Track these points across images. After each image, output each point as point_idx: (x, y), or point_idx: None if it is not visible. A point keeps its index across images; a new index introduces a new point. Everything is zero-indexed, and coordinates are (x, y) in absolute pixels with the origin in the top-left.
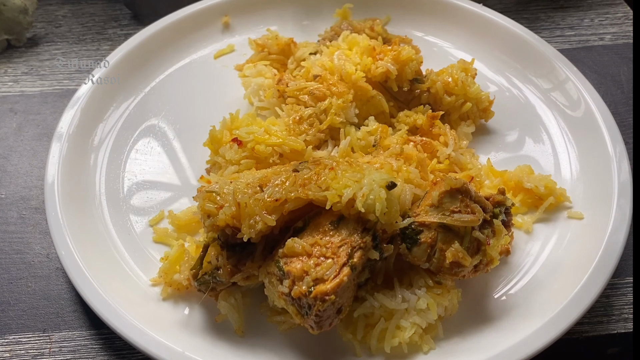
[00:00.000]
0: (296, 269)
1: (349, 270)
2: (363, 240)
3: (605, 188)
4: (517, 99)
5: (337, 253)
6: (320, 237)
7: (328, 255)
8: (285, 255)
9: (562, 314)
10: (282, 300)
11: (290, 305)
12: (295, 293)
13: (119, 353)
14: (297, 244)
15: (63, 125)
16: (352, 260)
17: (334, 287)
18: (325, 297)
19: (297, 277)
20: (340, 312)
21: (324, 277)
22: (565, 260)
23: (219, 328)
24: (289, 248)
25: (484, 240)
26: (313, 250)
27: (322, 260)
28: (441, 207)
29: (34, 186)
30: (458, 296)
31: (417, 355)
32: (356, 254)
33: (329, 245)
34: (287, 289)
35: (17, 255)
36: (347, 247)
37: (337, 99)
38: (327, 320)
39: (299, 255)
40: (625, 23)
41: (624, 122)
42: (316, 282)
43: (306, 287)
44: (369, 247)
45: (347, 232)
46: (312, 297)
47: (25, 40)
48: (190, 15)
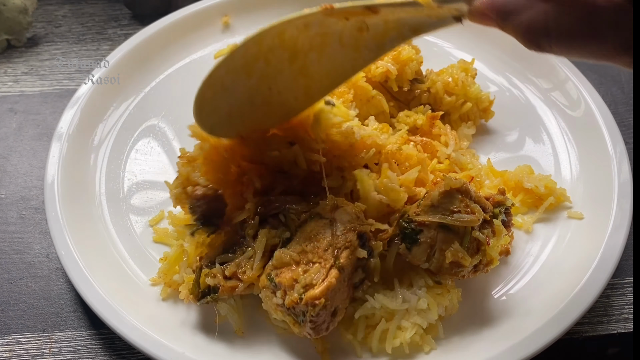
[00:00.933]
0: (286, 278)
1: (337, 272)
2: (348, 240)
3: (605, 188)
4: (517, 99)
5: (324, 256)
6: (307, 244)
7: (315, 260)
8: (275, 267)
9: (562, 314)
10: (279, 312)
11: (286, 315)
12: (288, 302)
13: (119, 353)
14: (285, 254)
15: (63, 125)
16: (338, 262)
17: (323, 290)
18: (315, 302)
19: (288, 286)
20: (336, 314)
21: (312, 282)
22: (565, 260)
23: (219, 328)
24: (277, 259)
25: (483, 240)
26: (300, 257)
27: (310, 266)
28: (441, 207)
29: (34, 186)
30: (458, 296)
31: (418, 355)
32: (342, 254)
33: (315, 250)
34: (280, 300)
35: (17, 255)
36: (332, 249)
37: (336, 98)
38: (323, 325)
39: (288, 265)
40: None
41: (624, 122)
42: (306, 288)
43: (297, 295)
44: (355, 246)
45: (332, 235)
46: (304, 304)
47: (25, 40)
48: (190, 15)
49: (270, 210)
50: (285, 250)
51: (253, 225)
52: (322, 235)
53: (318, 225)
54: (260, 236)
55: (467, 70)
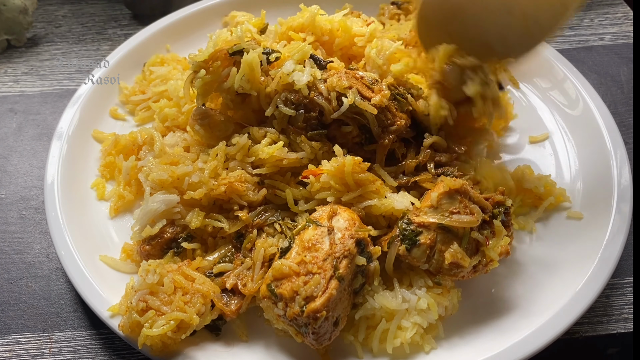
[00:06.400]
0: (287, 290)
1: (337, 283)
2: (346, 249)
3: (605, 188)
4: (518, 100)
5: (323, 267)
6: (305, 253)
7: (315, 271)
8: (276, 278)
9: (562, 314)
10: (281, 322)
11: (288, 326)
12: (289, 315)
13: (119, 353)
14: (285, 265)
15: (63, 125)
16: (338, 272)
17: (323, 302)
18: (317, 315)
19: (289, 298)
20: (338, 324)
21: (313, 294)
22: (565, 260)
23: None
24: (277, 270)
25: (482, 241)
26: (300, 268)
27: (310, 277)
28: (440, 208)
29: (34, 186)
30: (458, 296)
31: (419, 355)
32: (341, 264)
33: (314, 260)
34: (282, 311)
35: (17, 255)
36: (331, 258)
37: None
38: (326, 335)
39: (288, 276)
40: (625, 23)
41: (624, 122)
42: (307, 301)
43: (298, 307)
44: (354, 254)
45: (330, 244)
46: (306, 317)
47: (25, 40)
48: (190, 15)
49: (265, 220)
50: (285, 261)
51: (251, 239)
52: (321, 245)
53: (316, 234)
54: (258, 246)
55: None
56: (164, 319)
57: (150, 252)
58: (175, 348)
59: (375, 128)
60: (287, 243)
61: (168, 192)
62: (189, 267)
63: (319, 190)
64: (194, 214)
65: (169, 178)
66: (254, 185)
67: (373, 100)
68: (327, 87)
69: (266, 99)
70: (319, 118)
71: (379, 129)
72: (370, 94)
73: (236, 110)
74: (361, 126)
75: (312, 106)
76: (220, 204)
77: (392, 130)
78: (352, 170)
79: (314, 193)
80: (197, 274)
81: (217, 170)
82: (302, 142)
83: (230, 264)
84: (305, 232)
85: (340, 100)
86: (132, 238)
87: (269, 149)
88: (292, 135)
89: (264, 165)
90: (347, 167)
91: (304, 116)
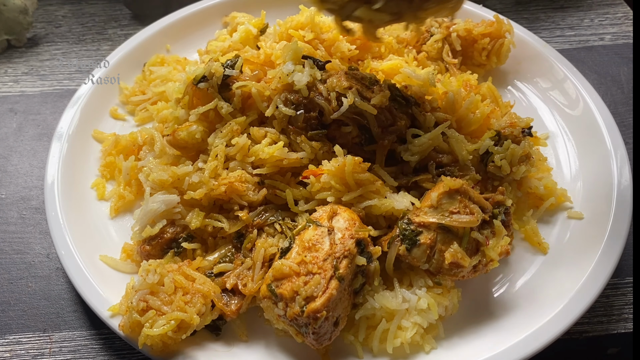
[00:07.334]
0: (287, 290)
1: (337, 283)
2: (347, 249)
3: (605, 188)
4: (518, 100)
5: (323, 267)
6: (306, 254)
7: (315, 271)
8: (276, 278)
9: (561, 314)
10: (281, 322)
11: (289, 326)
12: (290, 315)
13: (119, 353)
14: (285, 265)
15: (63, 125)
16: (338, 272)
17: (323, 302)
18: (317, 315)
19: (289, 298)
20: (338, 324)
21: (313, 294)
22: (565, 261)
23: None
24: (277, 270)
25: (482, 241)
26: (300, 268)
27: (310, 277)
28: (440, 208)
29: (34, 186)
30: (458, 296)
31: (419, 355)
32: (342, 264)
33: (314, 260)
34: (282, 312)
35: (17, 255)
36: (331, 259)
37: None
38: (326, 335)
39: (288, 276)
40: (625, 23)
41: (624, 122)
42: (307, 301)
43: (299, 307)
44: (354, 254)
45: (330, 244)
46: (306, 317)
47: (25, 41)
48: (190, 15)
49: (265, 220)
50: (285, 261)
51: (251, 239)
52: (321, 245)
53: (316, 234)
54: (258, 247)
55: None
56: (164, 318)
57: (150, 252)
58: (175, 348)
59: (375, 128)
60: (287, 243)
61: (168, 192)
62: (189, 267)
63: (319, 191)
64: (194, 214)
65: (169, 178)
66: (254, 185)
67: (373, 100)
68: (326, 87)
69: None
70: (319, 118)
71: (379, 129)
72: (370, 94)
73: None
74: (361, 126)
75: (312, 106)
76: (220, 204)
77: (392, 131)
78: (352, 170)
79: (314, 193)
80: (198, 274)
81: (217, 170)
82: (302, 142)
83: (230, 264)
84: (305, 232)
85: (340, 100)
86: (132, 238)
87: (269, 149)
88: (292, 136)
89: (264, 165)
90: (347, 167)
91: (304, 116)
